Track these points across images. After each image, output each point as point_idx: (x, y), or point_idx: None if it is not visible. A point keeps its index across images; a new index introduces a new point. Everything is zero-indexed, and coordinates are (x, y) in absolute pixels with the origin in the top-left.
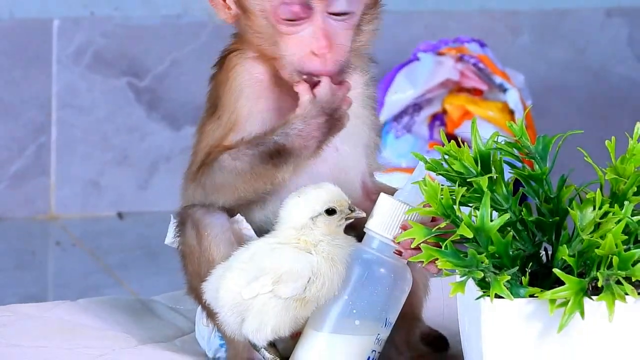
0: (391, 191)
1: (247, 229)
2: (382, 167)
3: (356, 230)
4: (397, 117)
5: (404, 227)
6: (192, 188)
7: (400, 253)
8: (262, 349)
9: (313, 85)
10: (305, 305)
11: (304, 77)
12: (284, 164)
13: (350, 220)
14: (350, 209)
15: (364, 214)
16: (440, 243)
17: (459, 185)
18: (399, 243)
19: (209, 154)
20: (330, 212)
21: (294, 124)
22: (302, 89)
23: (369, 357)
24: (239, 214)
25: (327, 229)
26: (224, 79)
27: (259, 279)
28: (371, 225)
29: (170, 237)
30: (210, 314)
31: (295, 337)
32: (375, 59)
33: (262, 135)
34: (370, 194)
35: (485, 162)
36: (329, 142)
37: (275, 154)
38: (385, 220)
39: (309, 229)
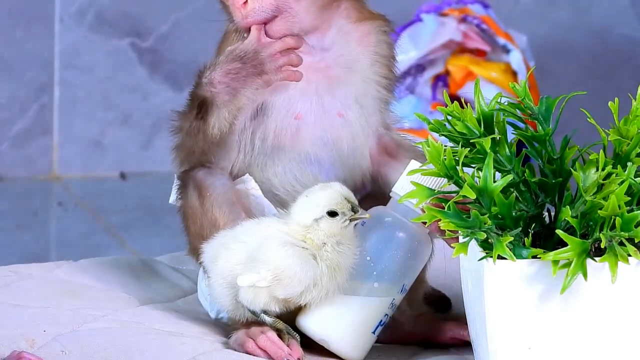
0: (410, 147)
1: (254, 189)
2: (399, 121)
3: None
4: (400, 78)
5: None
6: (174, 155)
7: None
8: (262, 314)
9: None
10: (292, 303)
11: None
12: (207, 115)
13: (356, 222)
14: (353, 210)
15: (367, 215)
16: (444, 204)
17: (462, 146)
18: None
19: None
20: (332, 214)
21: (203, 72)
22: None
23: (381, 321)
24: (247, 174)
25: (330, 231)
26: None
27: (260, 271)
28: (398, 190)
29: (174, 197)
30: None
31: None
32: (388, 17)
33: (191, 90)
34: (388, 149)
35: (488, 123)
36: (253, 95)
37: (199, 108)
38: (412, 185)
39: (314, 229)
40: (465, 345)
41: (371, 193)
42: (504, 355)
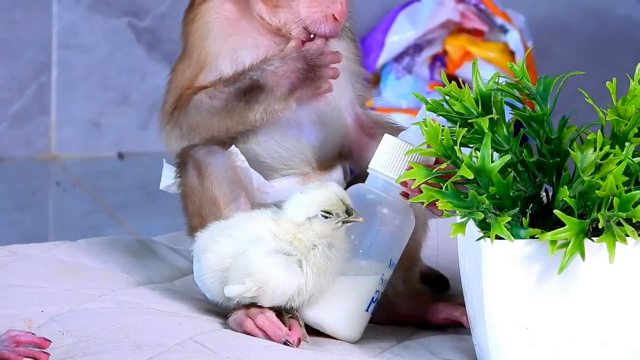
0: (387, 124)
1: (241, 161)
2: (372, 95)
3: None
4: (398, 58)
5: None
6: (167, 129)
7: (407, 195)
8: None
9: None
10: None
11: (311, 36)
12: (255, 102)
13: (349, 224)
14: (348, 213)
15: (361, 219)
16: (441, 184)
17: (459, 126)
18: (405, 184)
19: (182, 94)
20: (326, 214)
21: (271, 60)
22: (294, 42)
23: (373, 298)
24: (233, 146)
25: (322, 231)
26: (191, 18)
27: (245, 282)
28: (375, 166)
29: (165, 182)
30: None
31: None
32: None
33: (240, 72)
34: (364, 127)
35: (486, 103)
36: (303, 98)
37: (249, 90)
38: (390, 160)
39: (305, 228)
40: (461, 325)
41: (356, 178)
42: (501, 335)
